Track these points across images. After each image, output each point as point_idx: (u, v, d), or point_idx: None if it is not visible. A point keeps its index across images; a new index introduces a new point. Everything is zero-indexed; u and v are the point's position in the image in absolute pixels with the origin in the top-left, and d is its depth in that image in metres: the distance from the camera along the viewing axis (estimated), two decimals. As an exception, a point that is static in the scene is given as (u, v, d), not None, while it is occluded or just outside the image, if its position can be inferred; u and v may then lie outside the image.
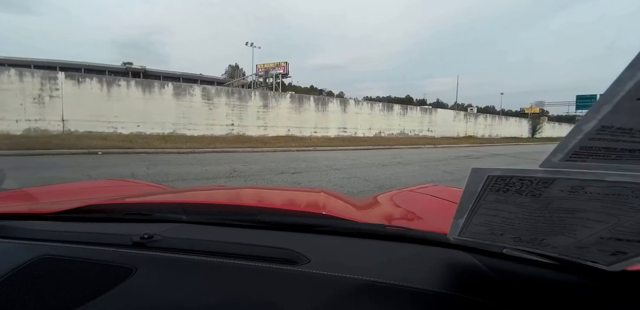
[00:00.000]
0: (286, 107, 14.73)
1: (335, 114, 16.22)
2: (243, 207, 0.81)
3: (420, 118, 20.21)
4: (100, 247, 0.55)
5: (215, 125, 12.99)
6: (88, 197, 1.00)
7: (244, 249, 0.54)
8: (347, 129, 16.64)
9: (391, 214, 0.92)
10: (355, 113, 16.97)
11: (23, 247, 0.56)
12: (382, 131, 18.08)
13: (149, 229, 0.60)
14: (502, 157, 10.19)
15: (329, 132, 15.91)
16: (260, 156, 8.25)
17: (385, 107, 18.31)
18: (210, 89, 13.13)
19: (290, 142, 11.76)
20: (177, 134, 12.01)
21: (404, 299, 0.41)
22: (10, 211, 0.77)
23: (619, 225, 0.29)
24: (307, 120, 15.29)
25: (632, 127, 0.22)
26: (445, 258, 0.53)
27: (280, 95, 14.93)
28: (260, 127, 14.00)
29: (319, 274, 0.46)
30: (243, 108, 13.60)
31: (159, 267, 0.50)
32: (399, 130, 18.96)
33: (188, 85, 12.90)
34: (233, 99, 13.44)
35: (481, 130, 24.98)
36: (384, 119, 18.24)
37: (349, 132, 16.69)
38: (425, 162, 7.82)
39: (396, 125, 18.84)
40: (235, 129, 13.44)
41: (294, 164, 6.83)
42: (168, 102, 12.04)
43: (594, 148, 0.24)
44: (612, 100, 0.21)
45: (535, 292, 0.43)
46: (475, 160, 8.76)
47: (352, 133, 16.78)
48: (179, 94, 12.27)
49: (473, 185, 0.30)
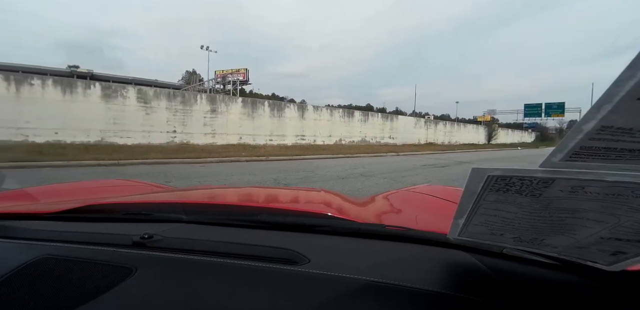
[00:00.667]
0: (238, 113, 13.35)
1: (292, 120, 15.07)
2: (243, 207, 0.82)
3: (382, 125, 19.63)
4: (100, 247, 0.55)
5: (153, 133, 11.29)
6: (88, 197, 1.01)
7: (244, 248, 0.54)
8: (305, 136, 15.54)
9: (391, 214, 0.93)
10: (314, 119, 15.94)
11: (23, 247, 0.57)
12: (343, 138, 17.18)
13: (149, 229, 0.60)
14: (468, 165, 9.45)
15: (285, 140, 14.71)
16: (200, 168, 6.90)
17: (345, 114, 17.47)
18: (148, 90, 11.43)
19: (241, 151, 10.45)
20: (106, 142, 10.23)
21: (404, 299, 0.41)
22: (10, 211, 0.77)
23: (619, 225, 0.29)
24: (262, 127, 13.99)
25: (632, 127, 0.22)
26: (445, 258, 0.52)
27: (230, 100, 13.52)
28: (207, 135, 12.48)
29: (319, 274, 0.46)
30: (187, 113, 12.04)
31: (159, 267, 0.50)
32: (360, 138, 18.17)
33: (120, 86, 11.08)
34: (175, 102, 11.84)
35: (441, 137, 25.05)
36: (345, 126, 17.37)
37: (308, 139, 15.59)
38: (389, 172, 6.87)
39: (357, 133, 18.04)
40: (177, 136, 11.81)
41: (236, 177, 5.58)
42: (95, 105, 10.21)
43: (594, 148, 0.24)
44: (612, 100, 0.21)
45: (535, 292, 0.43)
46: (443, 169, 8.00)
47: (311, 141, 15.70)
48: (108, 95, 10.47)
49: (473, 185, 0.30)
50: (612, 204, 0.27)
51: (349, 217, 0.70)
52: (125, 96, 10.78)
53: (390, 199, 1.04)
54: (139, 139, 10.93)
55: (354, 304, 0.41)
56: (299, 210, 0.79)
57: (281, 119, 14.67)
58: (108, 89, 10.58)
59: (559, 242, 0.35)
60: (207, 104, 12.55)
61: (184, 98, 12.13)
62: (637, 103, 0.21)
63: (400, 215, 0.90)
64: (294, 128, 15.15)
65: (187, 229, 0.65)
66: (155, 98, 11.39)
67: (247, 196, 1.15)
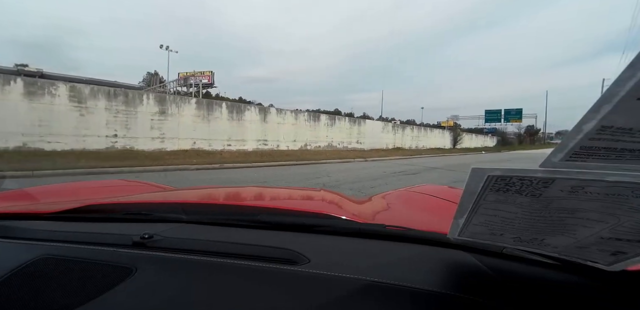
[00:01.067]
0: (191, 115, 12.05)
1: (253, 124, 13.97)
2: (243, 207, 0.82)
3: (349, 129, 18.92)
4: (100, 247, 0.56)
5: (89, 137, 9.75)
6: (88, 197, 1.00)
7: (244, 248, 0.54)
8: (268, 141, 14.47)
9: (391, 214, 0.93)
10: (278, 123, 14.92)
11: (23, 247, 0.57)
12: (309, 144, 16.27)
13: (149, 229, 0.60)
14: (440, 171, 8.96)
15: (246, 145, 13.57)
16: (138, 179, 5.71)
17: (311, 117, 16.59)
18: (83, 88, 9.88)
19: (192, 158, 9.28)
20: (29, 148, 8.62)
21: (404, 299, 0.41)
22: (10, 211, 0.77)
23: (619, 225, 0.29)
24: (219, 131, 12.76)
25: (632, 127, 0.22)
26: (445, 258, 0.53)
27: (182, 100, 12.17)
28: (155, 140, 11.09)
29: (319, 274, 0.46)
30: (131, 115, 10.61)
31: (159, 267, 0.50)
32: (327, 143, 17.35)
33: (48, 82, 9.46)
34: (116, 102, 10.36)
35: (408, 141, 24.84)
36: (311, 130, 16.48)
37: (271, 144, 14.54)
38: (357, 182, 6.04)
39: (324, 137, 17.20)
40: (119, 141, 10.34)
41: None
42: (15, 103, 8.58)
43: (594, 148, 0.24)
44: (612, 100, 0.21)
45: (535, 292, 0.43)
46: (415, 177, 7.30)
47: (274, 146, 14.66)
48: (33, 93, 8.84)
49: (473, 185, 0.30)
50: (612, 204, 0.27)
51: (349, 217, 0.70)
52: (54, 94, 9.21)
53: (390, 199, 1.04)
54: (72, 144, 9.39)
55: (354, 304, 0.41)
56: (299, 210, 0.79)
57: (241, 122, 13.52)
58: (33, 85, 8.95)
59: (559, 242, 0.35)
60: (155, 105, 11.17)
61: (127, 97, 10.66)
62: (637, 103, 0.21)
63: (401, 215, 0.90)
64: (256, 132, 14.04)
65: (187, 229, 0.65)
66: (92, 97, 9.87)
67: (247, 196, 1.15)
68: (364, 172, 8.20)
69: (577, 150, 0.25)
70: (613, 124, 0.22)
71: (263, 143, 14.25)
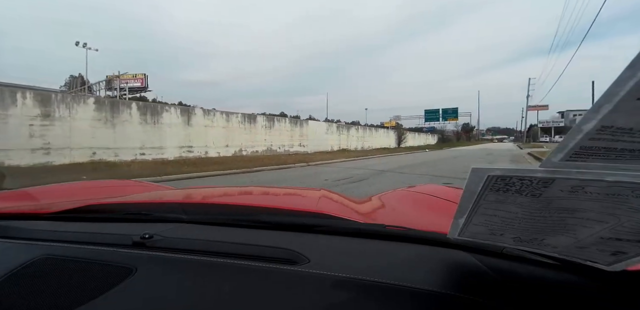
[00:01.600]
0: (89, 118, 9.62)
1: (174, 127, 11.78)
2: (243, 207, 0.82)
3: (291, 131, 17.35)
4: (100, 247, 0.56)
5: None
6: (88, 197, 1.01)
7: (244, 248, 0.55)
8: (193, 147, 12.34)
9: (391, 214, 0.93)
10: (205, 126, 12.87)
11: (23, 247, 0.57)
12: (244, 148, 14.40)
13: (149, 229, 0.60)
14: (390, 175, 7.76)
15: (165, 153, 11.36)
16: None
17: (246, 119, 14.70)
18: None
19: (85, 173, 7.08)
20: None
21: (404, 299, 0.41)
22: (10, 211, 0.78)
23: (619, 225, 0.29)
24: (128, 137, 10.44)
25: (632, 127, 0.22)
26: (446, 258, 0.53)
27: (75, 100, 9.66)
28: (37, 151, 8.53)
29: (319, 274, 0.46)
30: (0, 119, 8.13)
31: (159, 267, 0.50)
32: (266, 147, 15.61)
33: None
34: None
35: (354, 142, 23.94)
36: (246, 134, 14.61)
37: (197, 151, 12.44)
38: (290, 197, 4.49)
39: (262, 141, 15.42)
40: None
41: None
42: None
43: (594, 148, 0.24)
44: (613, 100, 0.21)
45: (535, 292, 0.43)
46: (362, 184, 5.98)
47: (202, 153, 12.59)
48: None
49: (473, 185, 0.30)
50: (612, 204, 0.28)
51: (349, 217, 0.70)
52: None
53: (390, 199, 1.04)
54: None
55: (354, 304, 0.41)
56: (299, 210, 0.79)
57: (158, 126, 11.29)
58: None
59: (559, 242, 0.35)
60: (35, 106, 8.65)
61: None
62: (637, 103, 0.21)
63: (400, 215, 0.90)
64: (178, 137, 11.87)
65: (187, 229, 0.65)
66: None
67: (247, 196, 1.16)
68: (301, 180, 6.72)
69: (577, 150, 0.25)
70: (613, 124, 0.22)
71: (187, 150, 12.12)
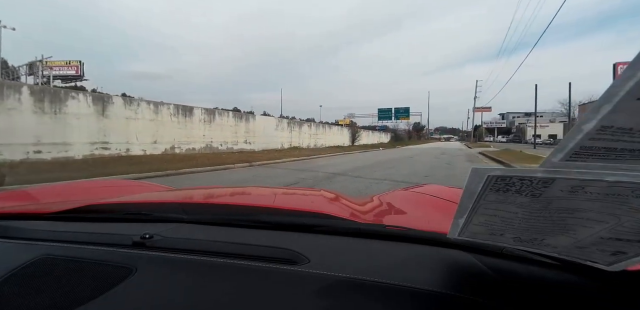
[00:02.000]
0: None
1: (85, 118, 9.53)
2: (243, 207, 0.82)
3: (235, 127, 15.53)
4: (100, 247, 0.56)
5: None
6: (88, 197, 1.00)
7: (244, 249, 0.55)
8: (110, 143, 10.15)
9: (391, 214, 0.93)
10: (127, 118, 10.69)
11: (23, 247, 0.57)
12: (178, 145, 12.36)
13: (149, 229, 0.60)
14: (344, 179, 6.52)
15: (70, 151, 9.12)
16: None
17: (180, 111, 12.63)
18: None
19: None
20: None
21: (404, 299, 0.41)
22: (10, 211, 0.77)
23: (619, 225, 0.29)
24: (17, 130, 8.12)
25: (632, 127, 0.22)
26: (446, 258, 0.53)
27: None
28: None
29: (319, 274, 0.46)
30: None
31: (159, 267, 0.50)
32: (205, 144, 13.66)
33: None
34: None
35: (306, 140, 22.66)
36: (180, 128, 12.55)
37: (116, 148, 10.29)
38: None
39: (199, 137, 13.44)
40: None
41: None
42: None
43: (594, 148, 0.24)
44: (612, 100, 0.21)
45: (535, 292, 0.43)
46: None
47: (122, 150, 10.44)
48: None
49: (473, 185, 0.30)
50: (612, 204, 0.28)
51: (349, 217, 0.70)
52: None
53: (390, 199, 1.04)
54: None
55: (354, 304, 0.41)
56: (299, 210, 0.79)
57: (61, 116, 9.01)
58: None
59: (559, 242, 0.35)
60: None
61: None
62: (637, 103, 0.21)
63: (401, 215, 0.90)
64: (88, 131, 9.64)
65: (187, 229, 0.65)
66: None
67: (247, 196, 1.16)
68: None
69: (577, 150, 0.25)
70: (613, 124, 0.22)
71: (102, 146, 9.93)
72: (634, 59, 0.20)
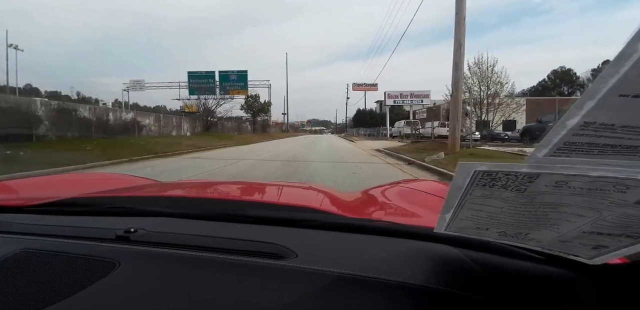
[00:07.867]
0: None
1: None
2: (230, 202, 0.81)
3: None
4: (82, 241, 0.54)
5: None
6: (71, 190, 0.97)
7: (231, 243, 0.54)
8: None
9: (380, 209, 0.93)
10: None
11: (0, 240, 0.55)
12: None
13: (133, 223, 0.59)
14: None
15: None
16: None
17: None
18: None
19: None
20: None
21: (391, 293, 0.41)
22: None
23: (601, 220, 0.30)
24: None
25: (614, 123, 0.23)
26: (433, 252, 0.53)
27: None
28: None
29: (306, 268, 0.46)
30: None
31: (143, 261, 0.49)
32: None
33: None
34: None
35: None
36: None
37: None
38: None
39: None
40: None
41: None
42: None
43: (578, 143, 0.25)
44: (595, 97, 0.21)
45: (521, 286, 0.44)
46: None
47: None
48: None
49: (460, 180, 0.30)
50: (594, 199, 0.28)
51: (337, 212, 0.71)
52: None
53: (379, 194, 1.04)
54: None
55: (342, 299, 0.40)
56: (287, 204, 0.78)
57: None
58: None
59: (543, 236, 0.36)
60: None
61: None
62: (619, 99, 0.21)
63: (389, 210, 0.90)
64: None
65: (172, 223, 0.64)
66: None
67: (234, 190, 1.14)
68: None
69: (560, 146, 0.25)
70: (596, 120, 0.22)
71: None
72: (617, 57, 0.20)
